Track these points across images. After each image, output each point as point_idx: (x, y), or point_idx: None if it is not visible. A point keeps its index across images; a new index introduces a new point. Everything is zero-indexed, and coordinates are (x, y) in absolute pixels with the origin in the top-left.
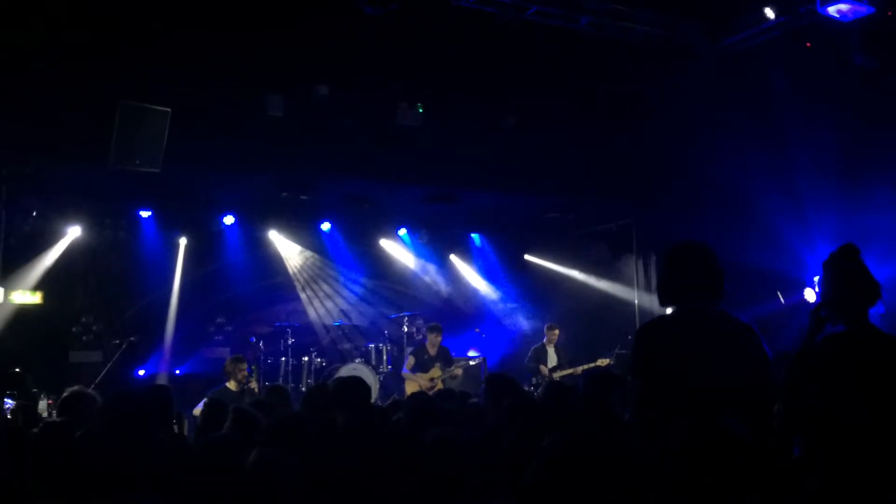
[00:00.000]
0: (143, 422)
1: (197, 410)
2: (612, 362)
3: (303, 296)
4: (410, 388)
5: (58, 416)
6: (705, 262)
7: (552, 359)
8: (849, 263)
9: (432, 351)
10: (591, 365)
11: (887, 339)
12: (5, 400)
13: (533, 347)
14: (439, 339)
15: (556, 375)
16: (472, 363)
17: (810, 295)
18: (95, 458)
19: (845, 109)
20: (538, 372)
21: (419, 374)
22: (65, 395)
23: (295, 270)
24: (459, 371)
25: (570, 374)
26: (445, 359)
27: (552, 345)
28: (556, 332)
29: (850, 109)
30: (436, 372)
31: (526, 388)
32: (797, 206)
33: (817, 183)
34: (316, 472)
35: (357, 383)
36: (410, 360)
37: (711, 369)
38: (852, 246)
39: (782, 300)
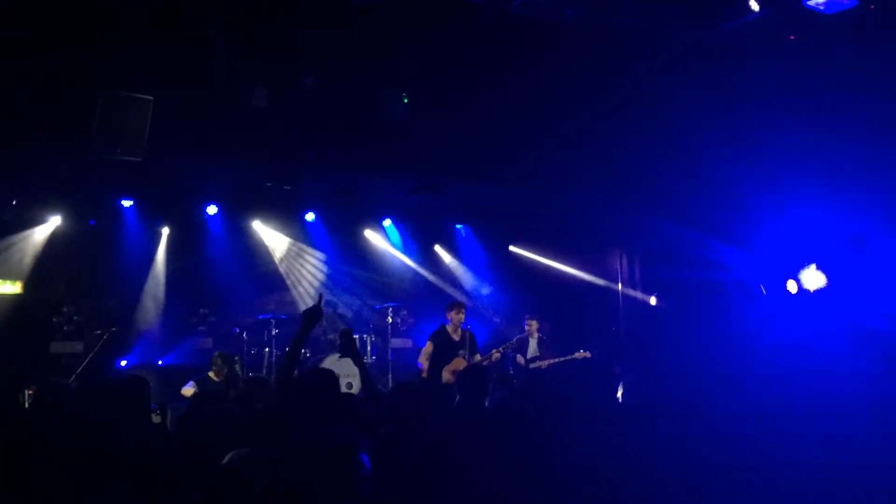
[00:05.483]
0: (116, 412)
1: (186, 390)
2: (588, 356)
3: (288, 285)
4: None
5: (33, 407)
6: None
7: (532, 350)
8: None
9: (455, 336)
10: (569, 357)
11: None
12: None
13: (516, 338)
14: (462, 317)
15: (534, 366)
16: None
17: (793, 287)
18: (66, 448)
19: (828, 101)
20: (516, 362)
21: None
22: (39, 386)
23: (279, 261)
24: (497, 355)
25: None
26: (472, 345)
27: (533, 337)
28: (534, 324)
29: (833, 101)
30: (460, 363)
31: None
32: (779, 199)
33: (799, 175)
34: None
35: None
36: (428, 348)
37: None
38: None
39: (764, 292)
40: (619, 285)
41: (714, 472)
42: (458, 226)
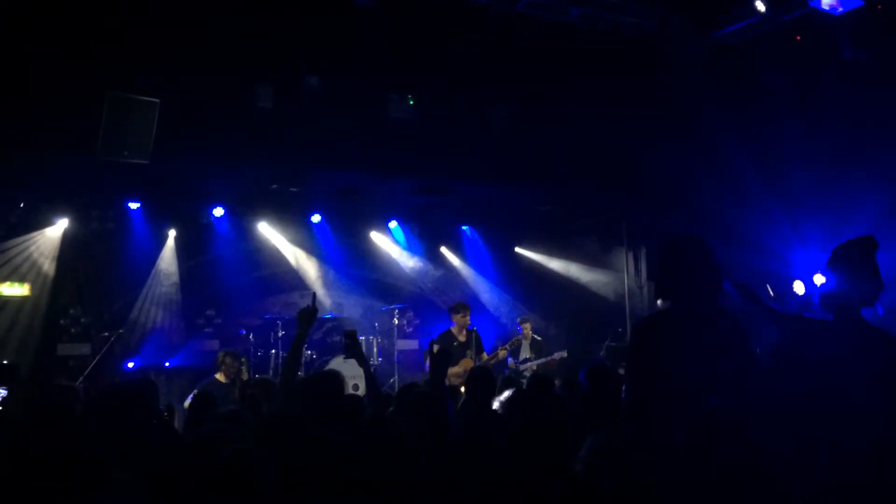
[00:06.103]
0: (124, 414)
1: (187, 403)
2: (565, 356)
3: (293, 287)
4: None
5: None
6: (704, 258)
7: (525, 352)
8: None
9: (461, 336)
10: (548, 358)
11: None
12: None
13: (516, 338)
14: (467, 319)
15: (523, 368)
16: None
17: (799, 287)
18: (73, 451)
19: (834, 102)
20: (508, 365)
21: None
22: (47, 388)
23: (285, 263)
24: (504, 353)
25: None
26: (478, 345)
27: (527, 339)
28: (527, 325)
29: (839, 102)
30: (468, 363)
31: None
32: (786, 199)
33: (806, 175)
34: (297, 469)
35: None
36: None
37: (703, 367)
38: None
39: (771, 293)
40: (626, 286)
41: (718, 472)
42: (463, 227)
